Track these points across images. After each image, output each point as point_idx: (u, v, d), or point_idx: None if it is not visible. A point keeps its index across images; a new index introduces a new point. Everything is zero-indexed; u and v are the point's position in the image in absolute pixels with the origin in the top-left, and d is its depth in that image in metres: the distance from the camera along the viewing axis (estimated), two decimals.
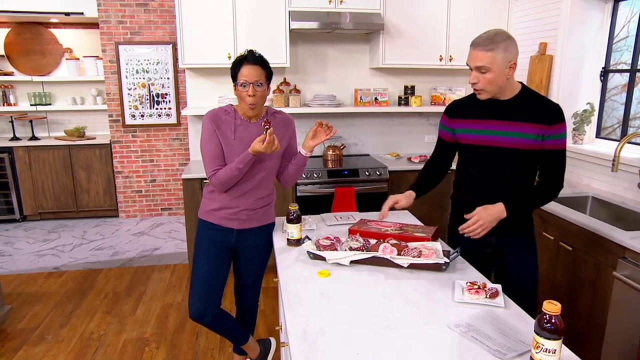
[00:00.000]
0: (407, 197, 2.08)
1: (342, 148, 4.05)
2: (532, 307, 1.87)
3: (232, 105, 2.12)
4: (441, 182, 2.18)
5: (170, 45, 5.00)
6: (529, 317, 1.43)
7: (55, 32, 5.30)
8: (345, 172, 3.68)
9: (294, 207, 1.99)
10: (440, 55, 3.91)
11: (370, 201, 3.63)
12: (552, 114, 1.78)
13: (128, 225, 5.12)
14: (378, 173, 3.69)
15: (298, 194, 3.61)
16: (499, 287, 1.58)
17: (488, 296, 1.52)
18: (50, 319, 3.11)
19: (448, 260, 1.74)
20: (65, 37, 5.34)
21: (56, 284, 3.62)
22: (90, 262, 4.08)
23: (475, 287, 1.56)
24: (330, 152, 3.96)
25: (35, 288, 3.56)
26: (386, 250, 1.79)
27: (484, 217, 1.77)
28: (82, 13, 4.87)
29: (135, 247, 4.44)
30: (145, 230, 4.95)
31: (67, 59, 5.28)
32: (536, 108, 1.80)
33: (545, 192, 1.83)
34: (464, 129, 1.96)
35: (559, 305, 1.09)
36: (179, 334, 2.95)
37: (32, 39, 5.22)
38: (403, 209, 2.11)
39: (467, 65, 1.82)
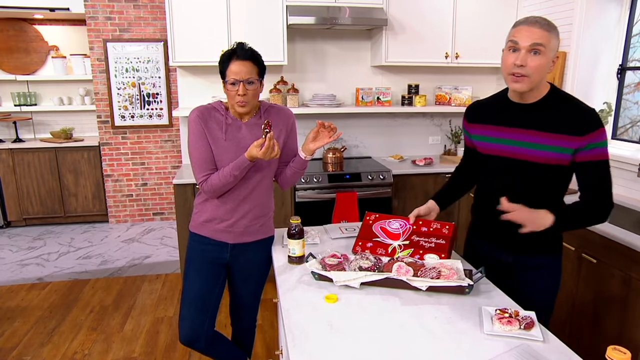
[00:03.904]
0: (428, 207, 1.89)
1: (343, 150, 3.84)
2: None
3: (221, 102, 1.90)
4: (473, 187, 1.94)
5: (162, 42, 4.77)
6: (574, 354, 1.23)
7: (40, 28, 5.05)
8: (347, 177, 3.47)
9: (295, 221, 1.78)
10: (446, 53, 3.71)
11: (373, 207, 3.42)
12: (585, 121, 1.51)
13: (118, 231, 4.89)
14: (381, 177, 3.48)
15: (297, 200, 3.40)
16: (532, 315, 1.38)
17: (522, 327, 1.32)
18: (30, 336, 2.88)
19: (472, 283, 1.53)
20: (50, 34, 5.09)
21: (39, 297, 3.39)
22: (77, 272, 3.85)
23: (507, 315, 1.36)
24: (330, 155, 3.75)
25: (16, 302, 3.32)
26: (401, 271, 1.59)
27: (528, 217, 1.52)
28: (67, 9, 4.63)
29: (125, 255, 4.21)
30: (136, 236, 4.72)
31: (53, 57, 5.02)
32: (566, 115, 1.53)
33: (588, 213, 1.56)
34: (482, 136, 1.72)
35: (628, 353, 0.89)
36: (170, 353, 2.73)
37: (16, 36, 4.96)
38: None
39: (512, 43, 1.51)
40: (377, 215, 1.97)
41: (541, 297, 1.67)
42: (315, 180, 3.41)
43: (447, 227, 1.84)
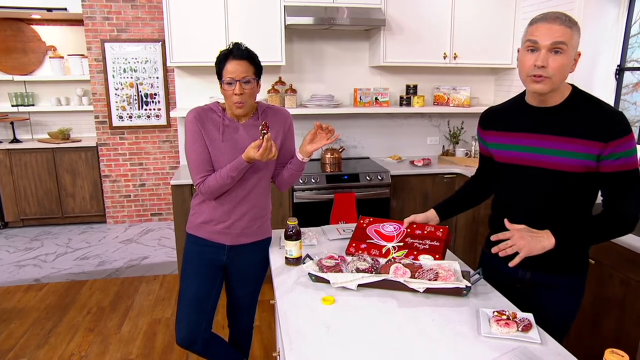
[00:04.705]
0: (426, 216, 1.87)
1: (341, 151, 3.84)
2: None
3: (218, 103, 1.90)
4: (484, 201, 1.86)
5: (160, 43, 4.76)
6: (571, 356, 1.22)
7: (38, 29, 5.03)
8: (345, 177, 3.46)
9: (292, 222, 1.77)
10: (445, 53, 3.70)
11: (372, 207, 3.42)
12: (608, 126, 1.38)
13: (116, 231, 4.87)
14: (380, 178, 3.48)
15: (295, 200, 3.39)
16: (530, 317, 1.37)
17: (520, 329, 1.31)
18: (26, 338, 2.87)
19: (469, 284, 1.53)
20: (48, 34, 5.08)
21: (36, 298, 3.38)
22: (74, 273, 3.83)
23: (504, 317, 1.35)
24: (328, 156, 3.75)
25: (12, 303, 3.31)
26: (398, 272, 1.58)
27: (524, 242, 1.42)
28: (65, 9, 4.62)
29: (123, 256, 4.20)
30: (134, 237, 4.71)
31: (50, 57, 5.01)
32: (588, 119, 1.41)
33: (608, 224, 1.44)
34: (498, 143, 1.61)
35: (626, 356, 0.89)
36: (168, 355, 2.72)
37: (13, 36, 4.95)
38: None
39: (530, 42, 1.39)
40: (371, 219, 1.98)
41: (557, 319, 1.56)
42: (313, 180, 3.40)
43: (440, 230, 1.84)
